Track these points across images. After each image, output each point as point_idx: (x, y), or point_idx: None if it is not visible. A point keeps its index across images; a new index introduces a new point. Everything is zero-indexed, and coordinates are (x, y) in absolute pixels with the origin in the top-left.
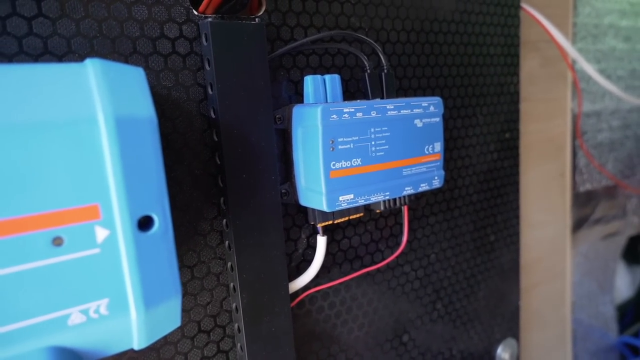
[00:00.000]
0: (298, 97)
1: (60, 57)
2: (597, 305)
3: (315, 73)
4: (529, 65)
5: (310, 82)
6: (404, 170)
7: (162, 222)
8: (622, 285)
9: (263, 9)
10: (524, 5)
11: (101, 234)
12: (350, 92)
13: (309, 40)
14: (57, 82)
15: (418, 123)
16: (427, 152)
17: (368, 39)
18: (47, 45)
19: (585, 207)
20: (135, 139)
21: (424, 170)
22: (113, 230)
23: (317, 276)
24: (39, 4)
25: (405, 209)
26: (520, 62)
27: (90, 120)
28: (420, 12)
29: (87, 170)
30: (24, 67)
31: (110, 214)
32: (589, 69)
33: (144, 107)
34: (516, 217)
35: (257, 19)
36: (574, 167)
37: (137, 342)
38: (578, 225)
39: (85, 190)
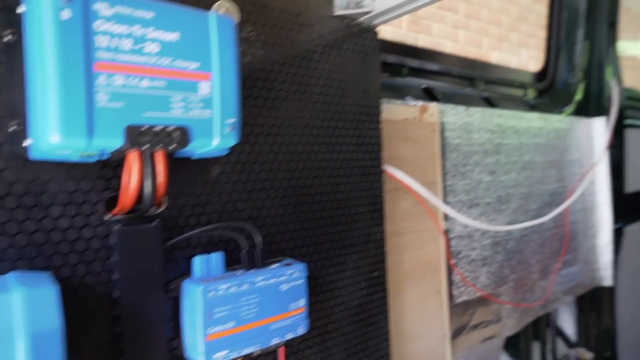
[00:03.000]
0: (191, 270)
1: None
2: None
3: (206, 249)
4: (403, 206)
5: (197, 262)
6: (271, 325)
7: None
8: None
9: (165, 206)
10: (386, 168)
11: None
12: (235, 258)
13: (199, 231)
14: None
15: (284, 287)
16: (291, 308)
17: (246, 225)
18: None
19: (463, 316)
20: (44, 348)
21: (290, 322)
22: None
23: None
24: None
25: (280, 351)
26: (384, 213)
27: (8, 339)
28: (296, 190)
29: None
30: None
31: None
32: (448, 210)
33: (52, 321)
34: (386, 340)
35: (155, 221)
36: (451, 283)
37: None
38: (457, 332)
39: None
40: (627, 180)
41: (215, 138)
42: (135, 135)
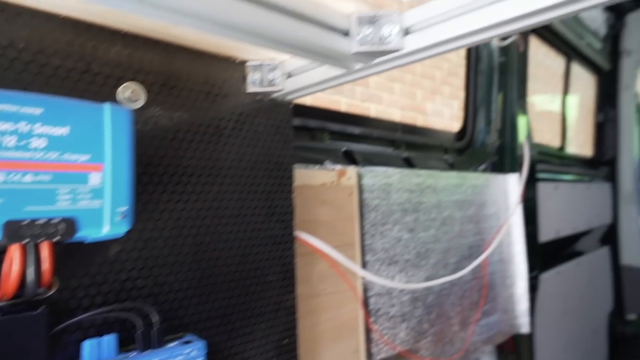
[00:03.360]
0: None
1: None
2: None
3: (100, 330)
4: (320, 269)
5: (87, 347)
6: None
7: None
8: None
9: (54, 289)
10: (299, 234)
11: None
12: (132, 338)
13: (89, 315)
14: None
15: None
16: None
17: (142, 305)
18: None
19: None
20: None
21: None
22: None
23: None
24: None
25: None
26: (295, 282)
27: None
28: (202, 264)
29: None
30: None
31: None
32: (361, 272)
33: None
34: None
35: (41, 307)
36: (370, 340)
37: None
38: None
39: None
40: (541, 231)
41: (105, 226)
42: (15, 229)
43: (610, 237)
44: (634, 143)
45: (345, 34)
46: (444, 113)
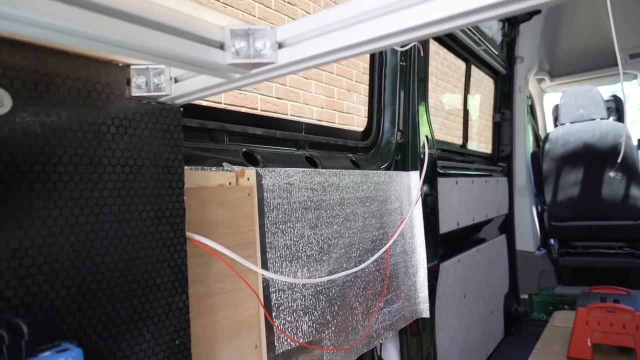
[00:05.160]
0: None
1: None
2: None
3: None
4: (217, 268)
5: None
6: None
7: None
8: None
9: None
10: (191, 236)
11: None
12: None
13: None
14: None
15: None
16: None
17: (11, 317)
18: None
19: None
20: None
21: None
22: None
23: None
24: None
25: None
26: (187, 283)
27: None
28: (81, 270)
29: None
30: None
31: None
32: (258, 270)
33: None
34: None
35: None
36: (271, 335)
37: None
38: None
39: None
40: (441, 222)
41: None
42: None
43: (507, 226)
44: (527, 141)
45: (221, 46)
46: (361, 110)
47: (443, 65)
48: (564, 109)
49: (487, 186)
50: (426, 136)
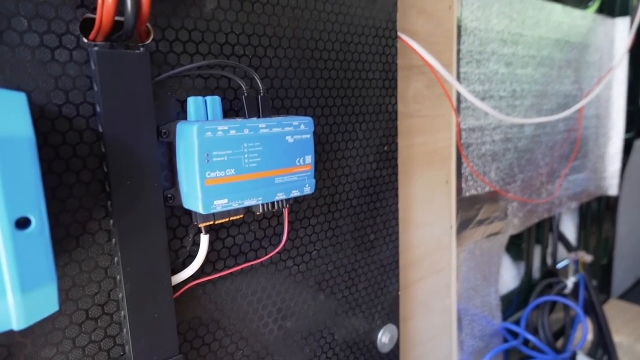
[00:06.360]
0: (185, 114)
1: None
2: (482, 296)
3: (201, 94)
4: (415, 87)
5: (192, 103)
6: (276, 178)
7: (39, 222)
8: (509, 278)
9: (151, 37)
10: (401, 35)
11: None
12: (235, 110)
13: (194, 66)
14: None
15: (289, 139)
16: (298, 164)
17: (246, 67)
18: None
19: (470, 210)
20: (13, 155)
21: (295, 179)
22: None
23: (203, 270)
24: None
25: (285, 211)
26: (397, 84)
27: None
28: (301, 43)
29: None
30: None
31: None
32: (463, 91)
33: (23, 128)
34: (395, 218)
35: (141, 48)
36: (460, 175)
37: (16, 323)
38: (464, 226)
39: None
40: None
41: None
42: None
43: None
44: None
45: None
46: None
47: None
48: None
49: None
50: None
